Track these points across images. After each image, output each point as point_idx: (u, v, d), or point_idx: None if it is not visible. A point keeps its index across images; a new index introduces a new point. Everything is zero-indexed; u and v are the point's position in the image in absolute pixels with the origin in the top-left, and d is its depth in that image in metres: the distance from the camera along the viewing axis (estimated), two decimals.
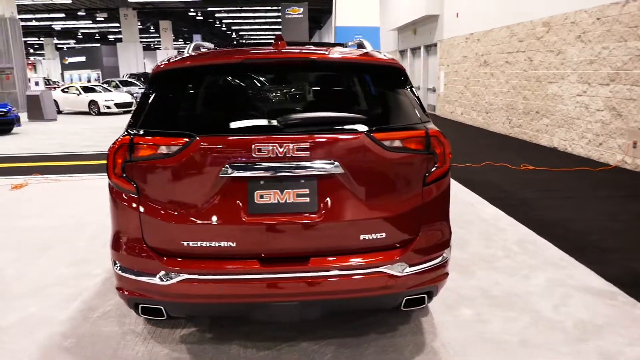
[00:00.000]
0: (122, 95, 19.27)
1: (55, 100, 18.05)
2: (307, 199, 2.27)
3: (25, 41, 47.03)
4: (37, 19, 35.82)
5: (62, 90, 19.63)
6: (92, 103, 18.44)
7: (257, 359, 2.62)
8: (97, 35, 46.29)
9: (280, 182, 2.26)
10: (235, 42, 21.53)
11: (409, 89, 2.53)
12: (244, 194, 2.26)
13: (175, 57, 2.57)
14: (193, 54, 2.62)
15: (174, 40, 51.52)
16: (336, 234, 2.30)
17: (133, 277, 2.34)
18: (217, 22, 40.65)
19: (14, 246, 4.39)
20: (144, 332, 2.90)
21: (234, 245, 2.27)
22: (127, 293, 2.38)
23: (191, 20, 38.17)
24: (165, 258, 2.31)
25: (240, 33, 52.07)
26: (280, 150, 2.22)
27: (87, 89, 19.36)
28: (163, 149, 2.25)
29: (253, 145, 2.21)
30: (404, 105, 2.47)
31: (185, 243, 2.28)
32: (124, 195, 2.32)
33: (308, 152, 2.23)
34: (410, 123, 2.40)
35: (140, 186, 2.28)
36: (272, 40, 2.54)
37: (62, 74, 43.65)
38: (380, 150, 2.28)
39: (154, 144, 2.26)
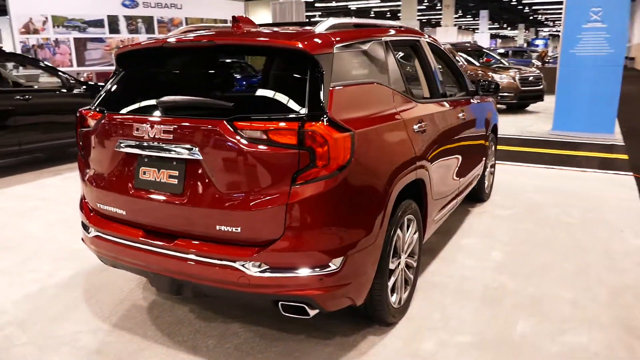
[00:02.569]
0: None
1: None
2: (176, 181, 2.35)
3: None
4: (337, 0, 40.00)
5: None
6: None
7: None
8: (387, 14, 49.23)
9: (158, 162, 2.40)
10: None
11: (318, 74, 2.28)
12: (133, 168, 2.47)
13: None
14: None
15: (460, 16, 50.93)
16: (196, 219, 2.33)
17: (82, 228, 2.82)
18: None
19: None
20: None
21: (124, 213, 2.53)
22: (83, 242, 2.87)
23: None
24: (91, 214, 2.71)
25: (534, 7, 48.00)
26: (153, 131, 2.35)
27: None
28: (90, 122, 2.64)
29: (135, 125, 2.40)
30: (296, 94, 2.26)
31: (98, 204, 2.65)
32: (79, 157, 2.79)
33: (172, 136, 2.31)
34: (291, 114, 2.19)
35: (83, 152, 2.72)
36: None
37: None
38: (239, 140, 2.18)
39: (88, 118, 2.65)
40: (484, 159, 4.73)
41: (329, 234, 2.24)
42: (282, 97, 2.30)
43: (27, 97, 6.52)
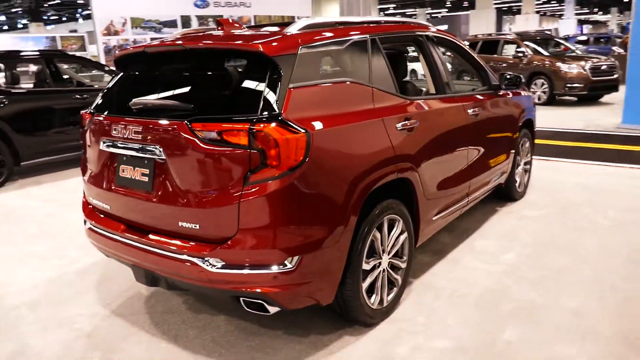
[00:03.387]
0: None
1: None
2: (147, 179, 2.47)
3: (402, 13, 52.46)
4: None
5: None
6: None
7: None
8: (464, 3, 47.53)
9: (134, 160, 2.53)
10: None
11: (276, 76, 2.30)
12: (115, 166, 2.63)
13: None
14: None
15: (544, 2, 48.08)
16: (163, 215, 2.44)
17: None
18: None
19: None
20: None
21: (109, 208, 2.70)
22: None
23: None
24: (87, 208, 2.92)
25: None
26: (126, 132, 2.48)
27: (415, 59, 20.64)
28: (85, 122, 2.82)
29: (113, 126, 2.56)
30: (253, 95, 2.29)
31: (91, 199, 2.84)
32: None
33: (141, 136, 2.43)
34: (246, 115, 2.23)
35: (84, 149, 2.92)
36: None
37: None
38: (196, 141, 2.26)
39: (83, 118, 2.85)
40: (511, 155, 4.50)
41: (282, 233, 2.26)
42: (240, 99, 2.35)
43: (85, 96, 7.03)
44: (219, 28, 2.84)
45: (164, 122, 2.37)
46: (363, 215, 2.60)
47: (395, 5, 47.07)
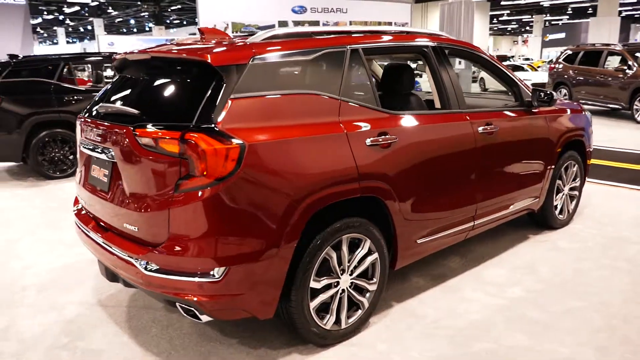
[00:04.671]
0: (539, 75, 18.48)
1: (482, 78, 19.15)
2: (106, 179, 2.60)
3: (518, 19, 49.70)
4: None
5: None
6: None
7: None
8: (589, 9, 44.01)
9: (99, 161, 2.67)
10: None
11: (218, 85, 2.31)
12: (89, 166, 2.79)
13: None
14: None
15: None
16: (115, 215, 2.55)
17: None
18: None
19: None
20: None
21: (84, 204, 2.88)
22: None
23: None
24: (74, 205, 3.13)
25: None
26: (92, 134, 2.64)
27: (514, 68, 19.50)
28: (76, 125, 3.03)
29: (86, 128, 2.73)
30: (194, 103, 2.31)
31: (77, 196, 3.04)
32: None
33: (101, 139, 2.57)
34: (183, 123, 2.26)
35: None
36: None
37: (541, 51, 44.11)
38: (137, 146, 2.33)
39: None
40: (546, 179, 4.09)
41: (208, 242, 2.25)
42: (183, 107, 2.38)
43: None
44: (202, 37, 2.90)
45: (116, 126, 2.47)
46: (313, 231, 2.51)
47: (509, 12, 44.88)
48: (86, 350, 2.76)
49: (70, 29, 49.55)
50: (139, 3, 33.31)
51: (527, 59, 36.34)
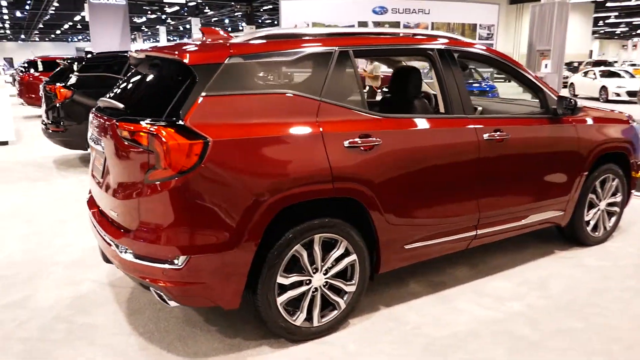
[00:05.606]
0: (636, 82, 16.98)
1: (572, 84, 18.02)
2: (101, 168, 2.83)
3: (628, 22, 45.86)
4: None
5: (584, 74, 19.15)
6: (603, 89, 17.23)
7: None
8: None
9: (98, 151, 2.90)
10: None
11: (191, 83, 2.45)
12: (95, 155, 3.04)
13: None
14: None
15: None
16: (105, 201, 2.77)
17: None
18: None
19: None
20: None
21: (92, 192, 3.14)
22: None
23: None
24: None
25: None
26: (93, 126, 2.89)
27: (609, 74, 18.12)
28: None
29: (91, 120, 2.98)
30: (167, 99, 2.47)
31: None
32: None
33: (97, 131, 2.79)
34: (155, 117, 2.42)
35: None
36: None
37: None
38: (118, 138, 2.53)
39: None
40: (573, 193, 3.83)
41: (170, 231, 2.40)
42: (159, 102, 2.53)
43: None
44: (203, 36, 3.06)
45: (107, 120, 2.69)
46: (284, 229, 2.58)
47: (617, 14, 41.60)
48: (82, 325, 3.02)
49: (171, 28, 52.81)
50: (232, 3, 34.80)
51: (633, 65, 33.54)
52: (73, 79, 6.97)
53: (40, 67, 14.15)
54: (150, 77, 2.77)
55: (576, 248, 4.13)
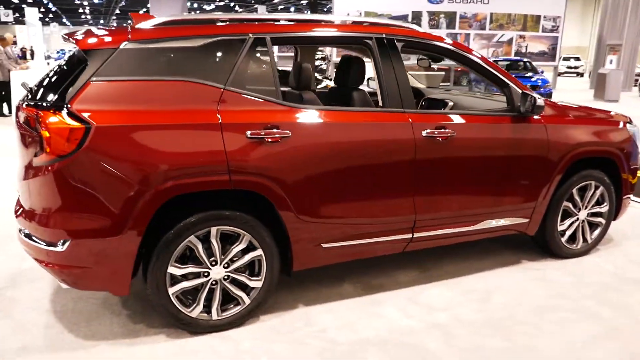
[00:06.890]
0: None
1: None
2: None
3: None
4: None
5: None
6: None
7: None
8: None
9: None
10: None
11: (81, 68, 2.45)
12: None
13: None
14: None
15: None
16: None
17: None
18: None
19: None
20: None
21: None
22: None
23: None
24: None
25: None
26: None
27: None
28: None
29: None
30: (59, 85, 2.50)
31: None
32: None
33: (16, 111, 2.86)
34: (48, 102, 2.44)
35: None
36: None
37: None
38: (25, 122, 2.56)
39: None
40: (541, 200, 3.51)
41: (51, 214, 2.42)
42: (55, 87, 2.53)
43: None
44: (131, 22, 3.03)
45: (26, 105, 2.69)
46: (176, 219, 2.54)
47: None
48: (7, 297, 3.13)
49: None
50: None
51: None
52: None
53: None
54: (63, 62, 2.79)
55: (548, 260, 3.80)
